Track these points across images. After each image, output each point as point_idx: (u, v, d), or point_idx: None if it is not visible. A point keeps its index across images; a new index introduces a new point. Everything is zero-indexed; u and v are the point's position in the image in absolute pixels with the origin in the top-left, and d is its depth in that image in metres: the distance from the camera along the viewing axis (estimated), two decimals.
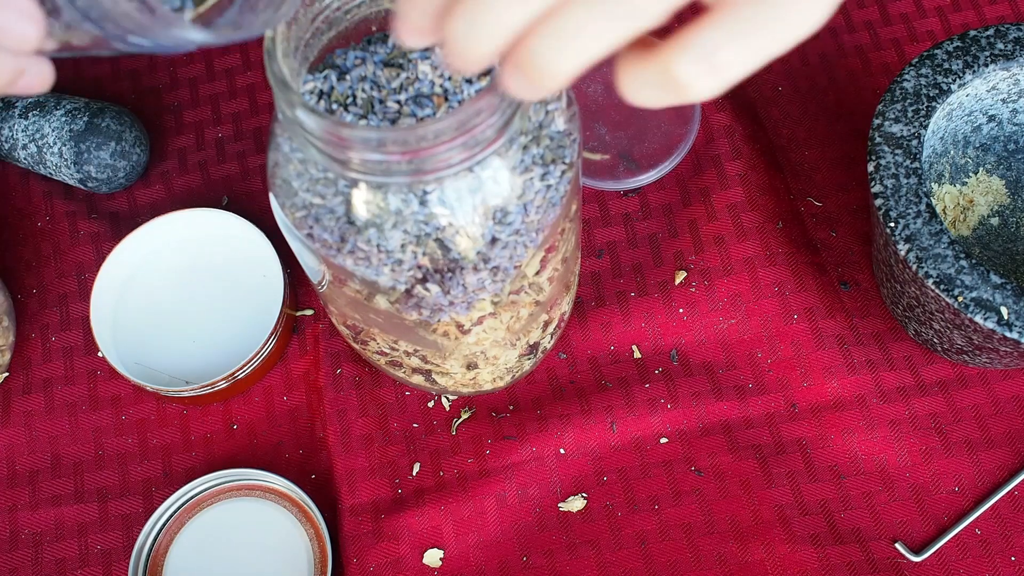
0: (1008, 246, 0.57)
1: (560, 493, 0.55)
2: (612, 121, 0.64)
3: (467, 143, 0.35)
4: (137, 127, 0.63)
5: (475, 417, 0.57)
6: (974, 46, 0.52)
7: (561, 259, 0.46)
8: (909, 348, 0.57)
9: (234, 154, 0.66)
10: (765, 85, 0.66)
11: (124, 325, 0.59)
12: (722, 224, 0.60)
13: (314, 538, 0.54)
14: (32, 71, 0.31)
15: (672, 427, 0.56)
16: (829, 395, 0.56)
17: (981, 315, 0.45)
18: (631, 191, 0.62)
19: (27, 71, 0.31)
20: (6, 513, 0.57)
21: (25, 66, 0.31)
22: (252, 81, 0.68)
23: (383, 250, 0.39)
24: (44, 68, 0.31)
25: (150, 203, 0.65)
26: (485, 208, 0.39)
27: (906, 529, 0.53)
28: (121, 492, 0.57)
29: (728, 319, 0.58)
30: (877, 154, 0.50)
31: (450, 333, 0.45)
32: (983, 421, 0.55)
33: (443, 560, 0.53)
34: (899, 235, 0.47)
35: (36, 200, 0.65)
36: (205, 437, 0.58)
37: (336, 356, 0.58)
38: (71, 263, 0.63)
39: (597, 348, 0.58)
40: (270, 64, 0.35)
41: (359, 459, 0.56)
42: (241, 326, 0.58)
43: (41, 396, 0.59)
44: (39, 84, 0.32)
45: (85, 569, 0.55)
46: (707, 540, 0.53)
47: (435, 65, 0.39)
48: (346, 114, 0.39)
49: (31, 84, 0.31)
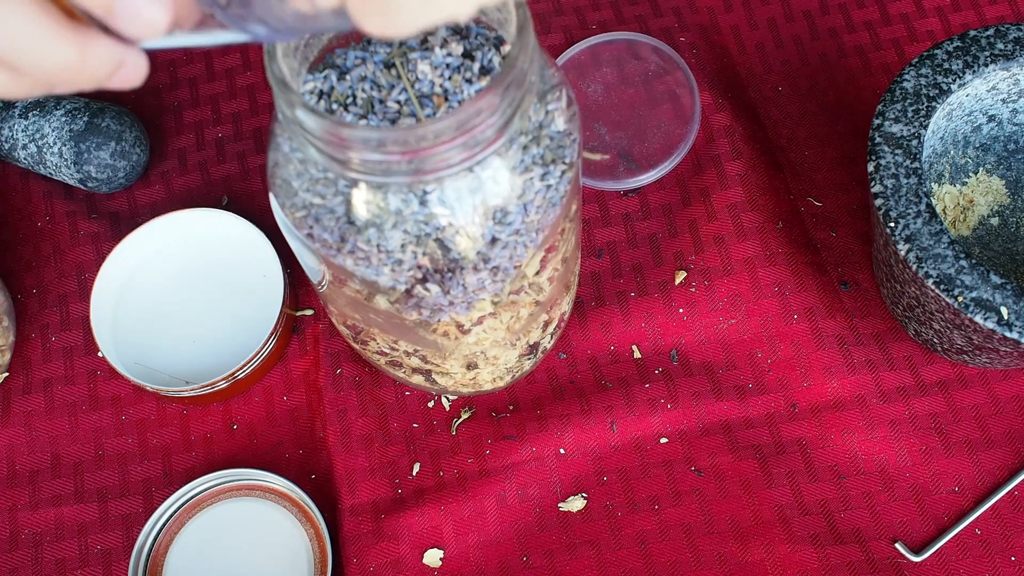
0: (1008, 246, 0.57)
1: (560, 493, 0.55)
2: (612, 121, 0.64)
3: (467, 143, 0.35)
4: (137, 127, 0.63)
5: (475, 417, 0.57)
6: (974, 46, 0.52)
7: (561, 259, 0.46)
8: (909, 348, 0.57)
9: (234, 154, 0.66)
10: (765, 85, 0.66)
11: (124, 325, 0.59)
12: (722, 224, 0.60)
13: (314, 538, 0.54)
14: (130, 62, 0.29)
15: (672, 427, 0.56)
16: (829, 395, 0.56)
17: (981, 315, 0.45)
18: (631, 191, 0.62)
19: (126, 62, 0.29)
20: (6, 513, 0.57)
21: (126, 57, 0.28)
22: (252, 81, 0.68)
23: (383, 250, 0.39)
24: (141, 60, 0.29)
25: (150, 203, 0.65)
26: (485, 208, 0.39)
27: (906, 529, 0.53)
28: (121, 492, 0.57)
29: (728, 319, 0.58)
30: (877, 154, 0.50)
31: (450, 333, 0.45)
32: (983, 421, 0.55)
33: (443, 560, 0.53)
34: (899, 235, 0.47)
35: (36, 200, 0.65)
36: (205, 437, 0.58)
37: (336, 356, 0.58)
38: (71, 263, 0.63)
39: (597, 348, 0.58)
40: (270, 64, 0.35)
41: (359, 459, 0.56)
42: (241, 326, 0.58)
43: (41, 396, 0.59)
44: (136, 76, 0.29)
45: (85, 569, 0.55)
46: (707, 540, 0.53)
47: (435, 65, 0.39)
48: (346, 114, 0.39)
49: (129, 77, 0.29)
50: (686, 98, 0.63)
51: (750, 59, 0.67)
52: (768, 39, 0.67)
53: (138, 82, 0.29)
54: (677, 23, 0.67)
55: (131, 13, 0.26)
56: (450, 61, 0.39)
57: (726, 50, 0.67)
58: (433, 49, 0.40)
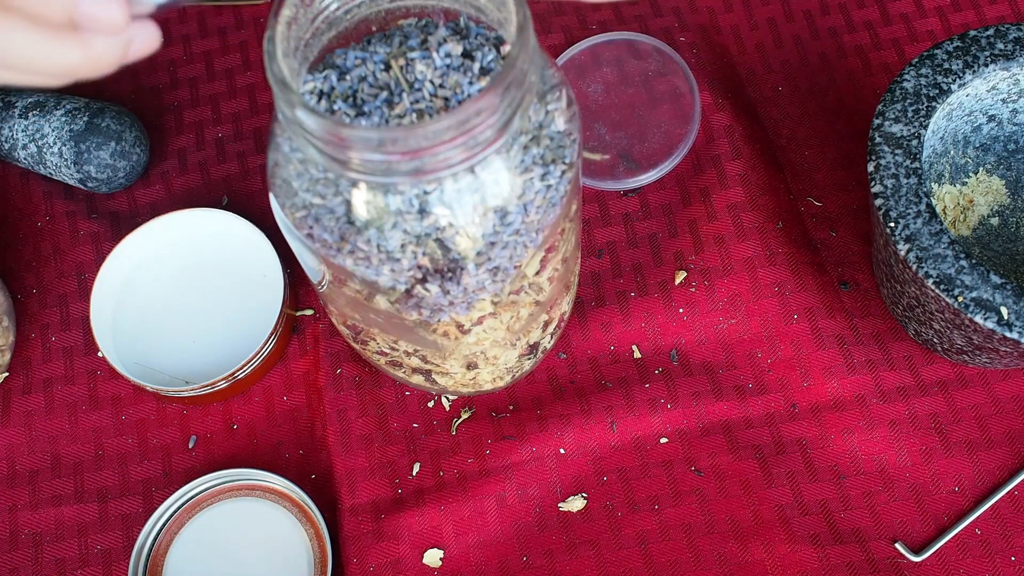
0: (1008, 246, 0.57)
1: (560, 493, 0.55)
2: (612, 121, 0.64)
3: (467, 143, 0.35)
4: (137, 127, 0.63)
5: (475, 417, 0.57)
6: (974, 46, 0.52)
7: (561, 259, 0.46)
8: (909, 348, 0.57)
9: (234, 154, 0.66)
10: (765, 85, 0.66)
11: (124, 325, 0.59)
12: (722, 224, 0.60)
13: (314, 538, 0.54)
14: (138, 36, 0.31)
15: (672, 427, 0.56)
16: (829, 395, 0.56)
17: (981, 315, 0.45)
18: (631, 191, 0.62)
19: (133, 38, 0.31)
20: (6, 513, 0.57)
21: (129, 35, 0.31)
22: (252, 81, 0.68)
23: (383, 250, 0.39)
24: (148, 29, 0.32)
25: (150, 203, 0.65)
26: (485, 208, 0.39)
27: (906, 529, 0.53)
28: (121, 492, 0.57)
29: (728, 319, 0.58)
30: (877, 154, 0.50)
31: (450, 333, 0.45)
32: (983, 421, 0.55)
33: (443, 560, 0.53)
34: (899, 235, 0.47)
35: (36, 200, 0.65)
36: (205, 437, 0.58)
37: (336, 356, 0.58)
38: (71, 263, 0.63)
39: (597, 348, 0.58)
40: (270, 64, 0.35)
41: (359, 459, 0.56)
42: (241, 326, 0.58)
43: (41, 396, 0.59)
44: (149, 45, 0.32)
45: (85, 569, 0.55)
46: (707, 540, 0.53)
47: (435, 66, 0.39)
48: (357, 117, 0.39)
49: (142, 48, 0.32)
50: (686, 98, 0.63)
51: (750, 59, 0.67)
52: (768, 39, 0.67)
53: (156, 46, 0.32)
54: (677, 23, 0.67)
55: (91, 23, 0.30)
56: (450, 61, 0.39)
57: (726, 50, 0.67)
58: (433, 49, 0.39)
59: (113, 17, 0.30)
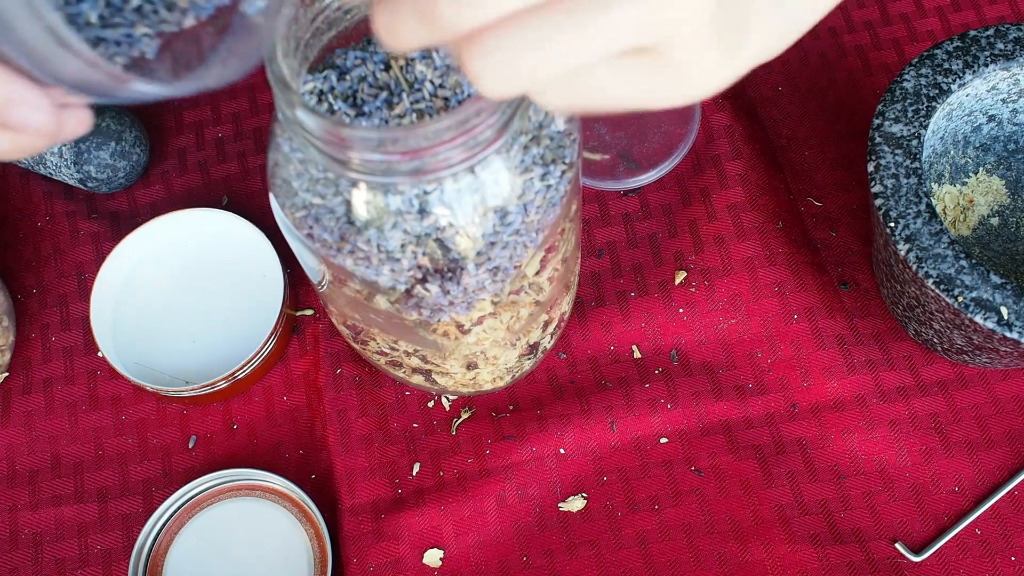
0: (1008, 246, 0.57)
1: (560, 493, 0.55)
2: (612, 121, 0.64)
3: (467, 143, 0.35)
4: (137, 127, 0.63)
5: (475, 417, 0.57)
6: (974, 46, 0.52)
7: (561, 259, 0.46)
8: (909, 348, 0.57)
9: (234, 154, 0.66)
10: (765, 85, 0.66)
11: (124, 325, 0.59)
12: (722, 224, 0.60)
13: (314, 538, 0.54)
14: (70, 120, 0.33)
15: (672, 427, 0.56)
16: (829, 395, 0.56)
17: (981, 315, 0.45)
18: (631, 191, 0.62)
19: (65, 123, 0.33)
20: (6, 513, 0.57)
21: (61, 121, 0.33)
22: (252, 81, 0.68)
23: (383, 250, 0.39)
24: (80, 113, 0.34)
25: (150, 203, 0.65)
26: (485, 208, 0.39)
27: (906, 529, 0.53)
28: (121, 492, 0.57)
29: (728, 319, 0.58)
30: (877, 154, 0.50)
31: (450, 333, 0.45)
32: (983, 421, 0.55)
33: (443, 560, 0.53)
34: (899, 235, 0.47)
35: (36, 200, 0.65)
36: (205, 437, 0.58)
37: (336, 356, 0.58)
38: (71, 263, 0.63)
39: (597, 348, 0.58)
40: (270, 64, 0.35)
41: (359, 459, 0.56)
42: (241, 326, 0.58)
43: (41, 396, 0.59)
44: (82, 127, 0.34)
45: (85, 569, 0.55)
46: (707, 540, 0.53)
47: (435, 66, 0.39)
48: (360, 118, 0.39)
49: (74, 131, 0.34)
50: None
51: None
52: None
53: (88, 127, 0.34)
54: None
55: (20, 127, 0.31)
56: (450, 61, 0.39)
57: None
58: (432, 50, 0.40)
59: (41, 123, 0.32)
